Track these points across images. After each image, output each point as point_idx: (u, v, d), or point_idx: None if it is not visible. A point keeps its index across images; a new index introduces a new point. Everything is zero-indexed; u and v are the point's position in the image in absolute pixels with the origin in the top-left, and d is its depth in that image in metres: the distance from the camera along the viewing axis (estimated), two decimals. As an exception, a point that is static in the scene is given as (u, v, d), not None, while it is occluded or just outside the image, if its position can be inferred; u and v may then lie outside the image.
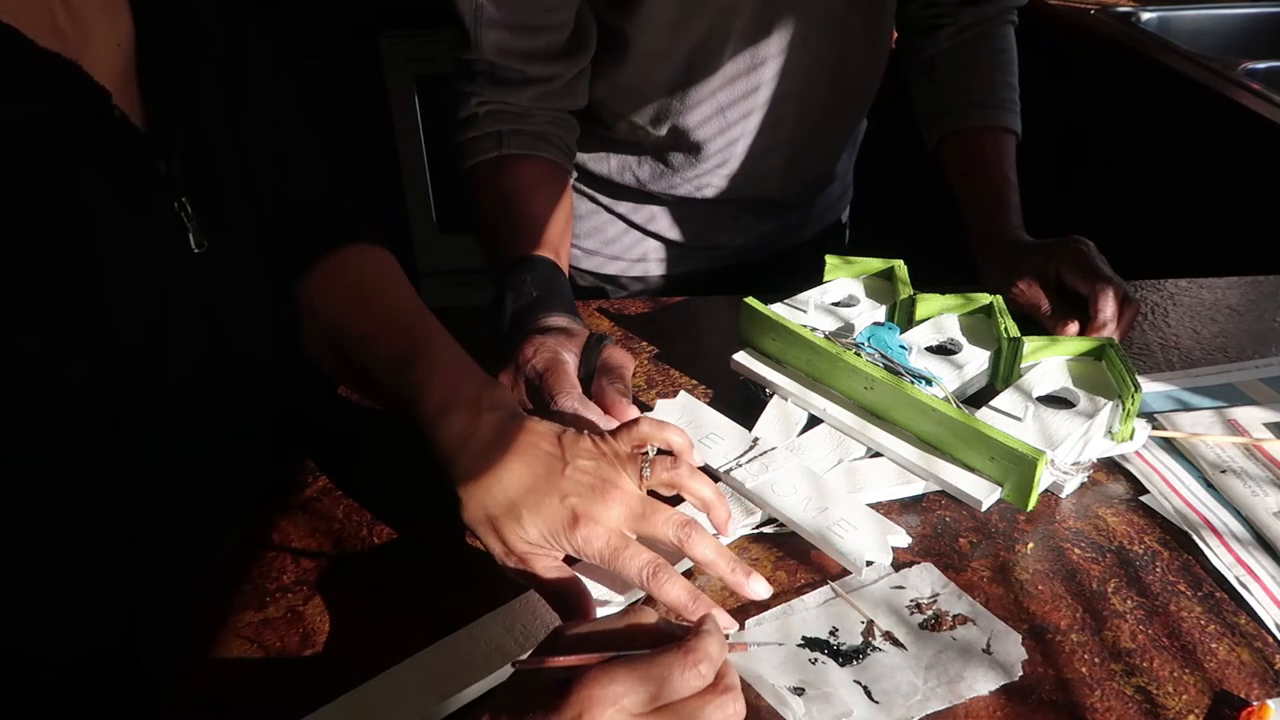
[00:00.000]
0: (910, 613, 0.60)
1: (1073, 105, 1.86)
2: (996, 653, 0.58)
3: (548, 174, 0.91)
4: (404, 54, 2.29)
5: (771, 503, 0.66)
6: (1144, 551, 0.66)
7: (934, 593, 0.62)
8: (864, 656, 0.57)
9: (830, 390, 0.76)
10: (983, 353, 0.80)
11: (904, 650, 0.58)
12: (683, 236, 1.11)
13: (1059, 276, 0.87)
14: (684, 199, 1.07)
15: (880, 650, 0.58)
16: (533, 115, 0.91)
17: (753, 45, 0.95)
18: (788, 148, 1.04)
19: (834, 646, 0.58)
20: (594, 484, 0.59)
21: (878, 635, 0.58)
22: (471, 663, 0.56)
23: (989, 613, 0.60)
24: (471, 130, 0.91)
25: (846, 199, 1.24)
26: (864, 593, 0.62)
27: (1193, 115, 1.61)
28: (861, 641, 0.58)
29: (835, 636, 0.58)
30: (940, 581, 0.63)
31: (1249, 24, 1.95)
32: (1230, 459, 0.74)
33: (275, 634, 0.60)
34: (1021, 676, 0.56)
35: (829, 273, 0.90)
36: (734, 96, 0.99)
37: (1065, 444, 0.70)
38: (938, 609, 0.60)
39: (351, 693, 0.54)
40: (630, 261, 1.12)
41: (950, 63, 1.06)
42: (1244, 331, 0.92)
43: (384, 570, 0.65)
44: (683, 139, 1.01)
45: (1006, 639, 0.59)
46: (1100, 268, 0.86)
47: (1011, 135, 1.03)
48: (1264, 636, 0.60)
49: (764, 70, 0.97)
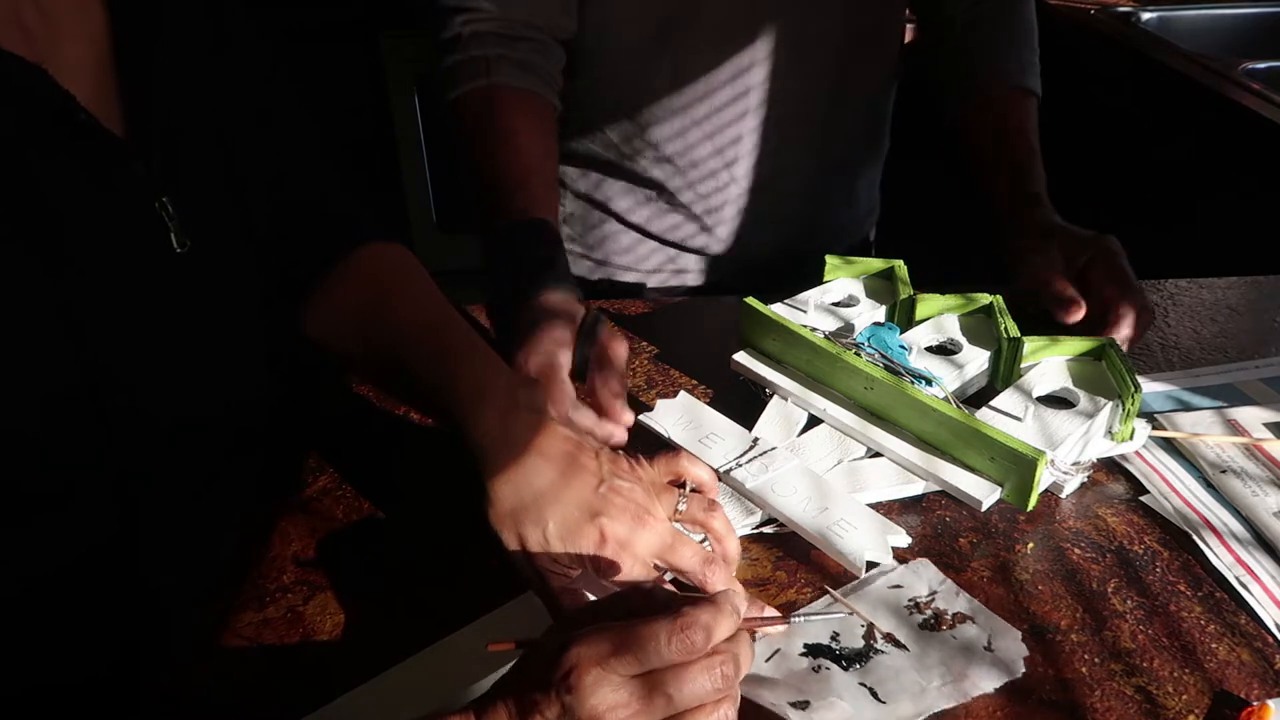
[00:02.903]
0: (910, 613, 0.60)
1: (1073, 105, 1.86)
2: (998, 650, 0.58)
3: (537, 111, 0.89)
4: (404, 54, 2.29)
5: (771, 503, 0.66)
6: (1144, 551, 0.66)
7: (931, 591, 0.62)
8: (867, 659, 0.57)
9: (830, 390, 0.76)
10: (983, 353, 0.80)
11: (906, 651, 0.58)
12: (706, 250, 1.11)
13: (1087, 273, 0.86)
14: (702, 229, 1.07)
15: (883, 652, 0.58)
16: (519, 41, 0.89)
17: (737, 57, 0.95)
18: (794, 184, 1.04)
19: (836, 651, 0.58)
20: (627, 507, 0.57)
21: (879, 637, 0.58)
22: (471, 663, 0.56)
23: (987, 610, 0.61)
24: (457, 54, 0.88)
25: (871, 220, 1.23)
26: (862, 594, 0.62)
27: (1193, 115, 1.61)
28: (864, 644, 0.58)
29: (837, 641, 0.58)
30: (937, 578, 0.63)
31: (1249, 24, 1.95)
32: (1230, 459, 0.74)
33: (275, 634, 0.60)
34: (1022, 676, 0.56)
35: (829, 273, 0.90)
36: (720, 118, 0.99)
37: (1065, 444, 0.70)
38: (936, 608, 0.61)
39: (351, 693, 0.54)
40: (646, 273, 1.13)
41: (970, 31, 1.05)
42: (1244, 331, 0.92)
43: (384, 570, 0.65)
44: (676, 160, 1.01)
45: (1006, 636, 0.59)
46: (1130, 278, 0.85)
47: (1034, 98, 1.02)
48: (1264, 636, 0.60)
49: (750, 96, 0.97)
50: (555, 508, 0.57)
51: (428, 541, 0.67)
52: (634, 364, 0.86)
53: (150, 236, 0.57)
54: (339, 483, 0.72)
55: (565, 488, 0.57)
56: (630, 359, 0.86)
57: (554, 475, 0.58)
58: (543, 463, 0.58)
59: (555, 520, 0.56)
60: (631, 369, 0.85)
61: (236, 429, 0.67)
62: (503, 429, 0.59)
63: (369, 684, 0.55)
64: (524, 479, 0.57)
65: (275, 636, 0.60)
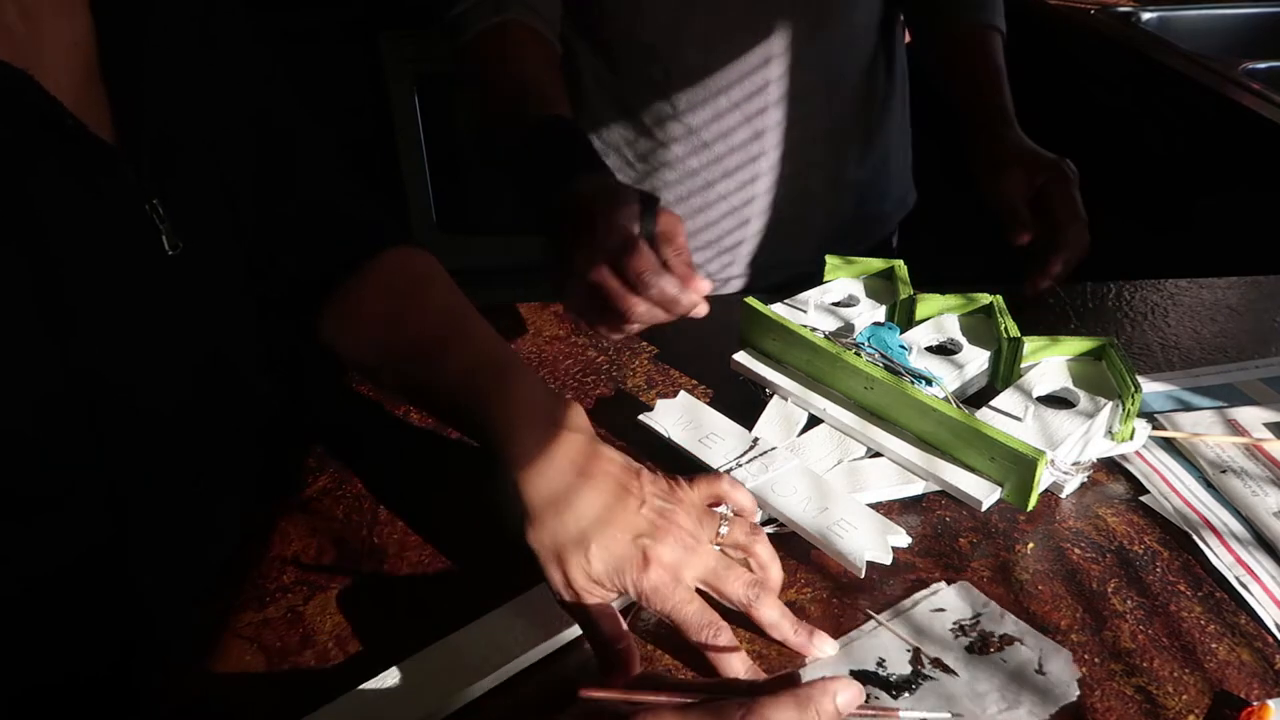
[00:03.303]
0: (955, 636, 0.59)
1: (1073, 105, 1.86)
2: (1050, 673, 0.56)
3: (545, 47, 0.92)
4: (404, 54, 2.29)
5: (771, 503, 0.66)
6: (1144, 551, 0.66)
7: (975, 613, 0.60)
8: (917, 686, 0.55)
9: (830, 390, 0.76)
10: (983, 353, 0.80)
11: (956, 676, 0.56)
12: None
13: (1041, 194, 0.92)
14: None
15: (932, 678, 0.56)
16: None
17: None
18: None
19: (884, 678, 0.56)
20: (671, 530, 0.56)
21: (926, 662, 0.57)
22: (471, 663, 0.56)
23: (1035, 631, 0.59)
24: (464, 2, 0.91)
25: (900, 213, 1.23)
26: (904, 619, 0.60)
27: (1193, 115, 1.61)
28: (911, 670, 0.56)
29: (883, 668, 0.56)
30: (980, 601, 0.61)
31: (1249, 24, 1.95)
32: (1230, 459, 0.74)
33: (275, 634, 0.60)
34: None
35: (829, 273, 0.90)
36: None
37: (1065, 444, 0.70)
38: (982, 629, 0.59)
39: (351, 693, 0.54)
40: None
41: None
42: (1244, 331, 0.92)
43: (384, 570, 0.65)
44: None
45: (1057, 658, 0.57)
46: (1076, 205, 0.91)
47: (998, 33, 1.07)
48: (1264, 636, 0.60)
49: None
50: (598, 530, 0.55)
51: (428, 541, 0.67)
52: (634, 364, 0.86)
53: (141, 239, 0.57)
54: (339, 483, 0.72)
55: (608, 510, 0.56)
56: (630, 359, 0.86)
57: (597, 498, 0.56)
58: (585, 485, 0.57)
59: (598, 543, 0.55)
60: (631, 369, 0.85)
61: (231, 430, 0.66)
62: (543, 449, 0.58)
63: (369, 684, 0.55)
64: (566, 501, 0.56)
65: (275, 636, 0.60)
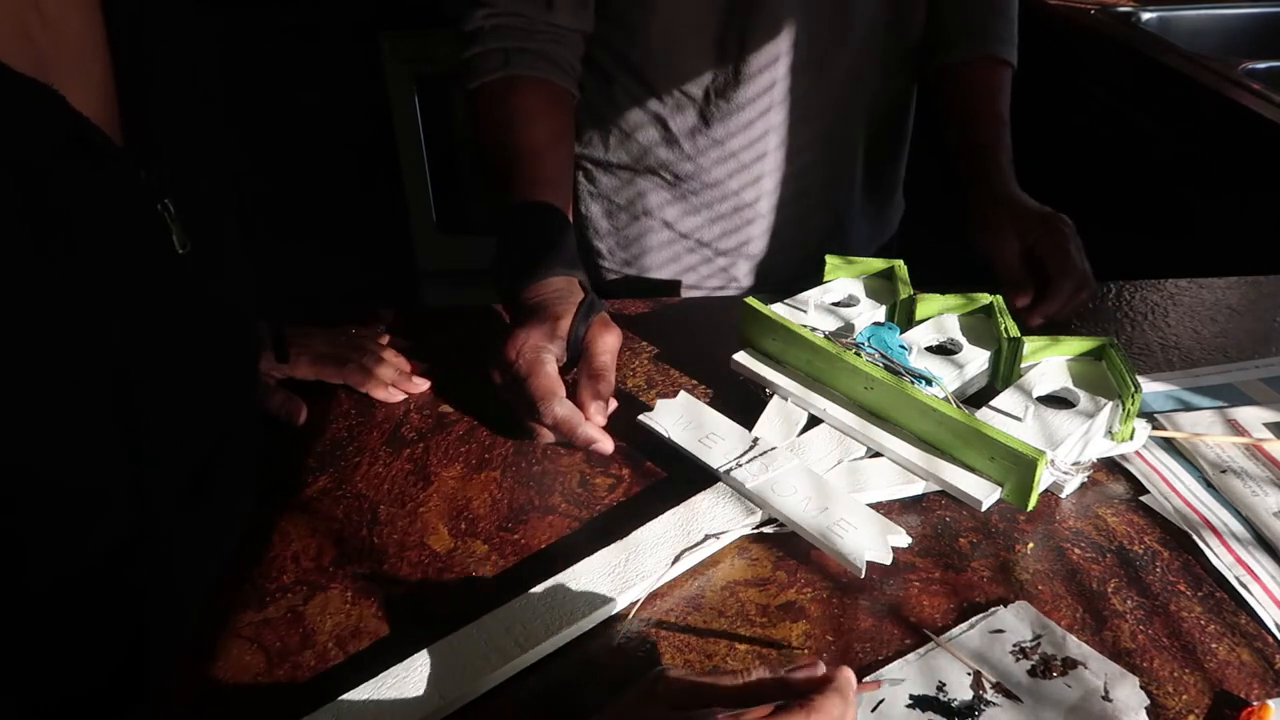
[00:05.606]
0: (1016, 659, 0.57)
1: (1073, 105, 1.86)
2: (1116, 700, 0.54)
3: (553, 97, 0.92)
4: (404, 54, 2.29)
5: (772, 503, 0.66)
6: (1144, 551, 0.66)
7: (1035, 635, 0.59)
8: (979, 712, 0.54)
9: (830, 390, 0.76)
10: (983, 353, 0.80)
11: (1019, 703, 0.54)
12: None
13: (1035, 249, 0.91)
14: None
15: (995, 704, 0.54)
16: (537, 33, 0.92)
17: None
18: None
19: (944, 703, 0.54)
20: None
21: (988, 687, 0.55)
22: (471, 663, 0.56)
23: (1100, 655, 0.58)
24: (477, 46, 0.91)
25: (899, 216, 1.23)
26: (961, 641, 0.58)
27: (1193, 115, 1.61)
28: (972, 696, 0.54)
29: (944, 692, 0.55)
30: (1039, 622, 0.60)
31: (1249, 24, 1.95)
32: (1230, 459, 0.74)
33: (275, 634, 0.60)
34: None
35: (829, 273, 0.90)
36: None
37: (1065, 444, 0.70)
38: (1044, 652, 0.57)
39: (352, 692, 0.54)
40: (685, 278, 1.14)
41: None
42: (1244, 331, 0.92)
43: (384, 570, 0.65)
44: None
45: (1123, 683, 0.55)
46: (1069, 257, 0.90)
47: (1008, 68, 1.05)
48: (1264, 636, 0.60)
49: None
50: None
51: (428, 542, 0.67)
52: (634, 364, 0.86)
53: (154, 238, 0.57)
54: (339, 483, 0.73)
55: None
56: (630, 359, 0.86)
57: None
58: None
59: None
60: (631, 369, 0.85)
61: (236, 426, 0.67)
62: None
63: (369, 683, 0.55)
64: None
65: (275, 636, 0.60)
